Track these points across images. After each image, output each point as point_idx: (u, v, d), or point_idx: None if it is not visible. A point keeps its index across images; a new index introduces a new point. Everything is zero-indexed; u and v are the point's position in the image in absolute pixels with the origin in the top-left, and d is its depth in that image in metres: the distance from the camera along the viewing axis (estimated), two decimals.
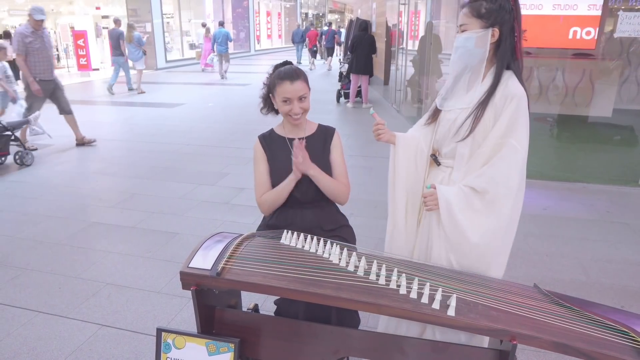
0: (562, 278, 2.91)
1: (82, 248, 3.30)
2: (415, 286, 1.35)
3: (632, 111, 5.86)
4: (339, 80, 9.84)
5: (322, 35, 18.56)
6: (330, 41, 17.13)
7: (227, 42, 13.49)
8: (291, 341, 1.60)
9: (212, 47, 14.11)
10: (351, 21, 12.77)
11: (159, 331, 1.53)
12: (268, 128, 2.03)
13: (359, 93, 9.26)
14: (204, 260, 1.51)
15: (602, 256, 3.20)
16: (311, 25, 22.41)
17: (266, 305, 2.47)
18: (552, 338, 1.24)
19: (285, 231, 1.70)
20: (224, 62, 13.78)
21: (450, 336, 1.65)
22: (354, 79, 9.00)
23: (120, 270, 3.00)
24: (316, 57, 18.24)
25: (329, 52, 17.55)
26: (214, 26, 15.99)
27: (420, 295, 1.34)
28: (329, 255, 1.54)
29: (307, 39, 17.72)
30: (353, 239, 1.99)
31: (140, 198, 4.28)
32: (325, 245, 1.60)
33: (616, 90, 5.49)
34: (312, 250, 1.59)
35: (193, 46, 20.18)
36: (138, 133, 6.94)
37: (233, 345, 1.48)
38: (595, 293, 2.74)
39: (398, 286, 1.38)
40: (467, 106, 1.63)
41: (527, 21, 4.58)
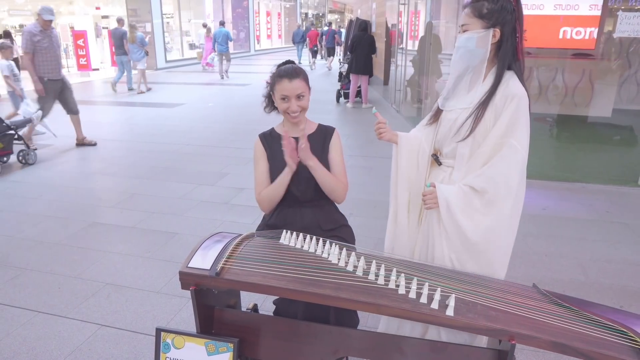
0: (561, 278, 2.92)
1: (82, 248, 3.30)
2: (414, 286, 1.35)
3: (632, 111, 5.86)
4: (339, 80, 9.84)
5: (323, 35, 18.57)
6: (330, 41, 17.14)
7: (228, 42, 13.50)
8: (290, 341, 1.60)
9: (213, 47, 14.14)
10: (351, 21, 12.77)
11: (158, 331, 1.53)
12: (268, 128, 2.03)
13: (359, 93, 9.27)
14: (203, 260, 1.51)
15: (602, 256, 3.20)
16: (312, 25, 22.41)
17: (265, 305, 2.47)
18: (551, 338, 1.24)
19: (284, 231, 1.70)
20: (225, 62, 13.80)
21: (452, 336, 1.65)
22: (354, 79, 9.00)
23: (119, 270, 3.00)
24: (317, 57, 18.26)
25: (329, 52, 17.57)
26: (215, 26, 16.03)
27: (419, 295, 1.34)
28: (328, 255, 1.55)
29: (308, 39, 17.74)
30: (352, 239, 2.00)
31: (140, 198, 4.28)
32: (324, 245, 1.60)
33: (616, 90, 5.49)
34: (312, 250, 1.60)
35: (193, 46, 20.18)
36: (138, 133, 6.95)
37: (232, 345, 1.48)
38: (594, 293, 2.75)
39: (397, 286, 1.38)
40: (468, 106, 1.63)
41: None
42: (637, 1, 4.59)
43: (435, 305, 1.31)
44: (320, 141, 1.92)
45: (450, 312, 1.28)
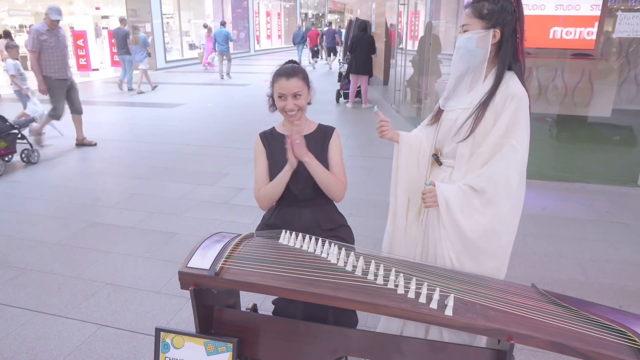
0: (561, 278, 2.92)
1: (82, 248, 3.30)
2: (413, 286, 1.35)
3: (632, 111, 5.86)
4: (339, 80, 9.85)
5: (323, 35, 18.59)
6: (330, 41, 17.16)
7: (228, 42, 13.51)
8: (290, 341, 1.61)
9: (214, 47, 14.18)
10: (350, 21, 12.77)
11: (158, 331, 1.53)
12: (267, 128, 2.04)
13: (359, 93, 9.27)
14: (203, 260, 1.51)
15: (601, 256, 3.20)
16: (312, 25, 22.42)
17: (265, 305, 2.48)
18: (550, 337, 1.24)
19: (283, 231, 1.70)
20: (226, 62, 13.83)
21: (453, 336, 1.66)
22: (354, 79, 9.00)
23: (119, 270, 3.01)
24: (318, 57, 18.28)
25: (329, 52, 17.59)
26: (215, 26, 16.05)
27: (418, 295, 1.34)
28: (327, 255, 1.55)
29: (308, 39, 17.77)
30: (351, 239, 2.00)
31: (139, 198, 4.28)
32: (323, 245, 1.60)
33: (615, 90, 5.49)
34: (311, 250, 1.60)
35: (193, 46, 20.19)
36: (138, 133, 6.95)
37: (231, 344, 1.48)
38: (593, 293, 2.75)
39: (396, 286, 1.38)
40: (468, 106, 1.64)
41: None
42: (637, 1, 4.59)
43: (434, 305, 1.31)
44: (320, 140, 1.93)
45: (449, 312, 1.28)
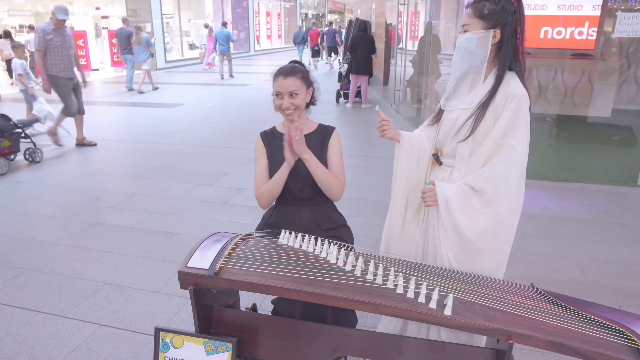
0: (560, 278, 2.92)
1: (81, 248, 3.30)
2: (412, 286, 1.36)
3: (631, 111, 5.86)
4: (339, 80, 9.84)
5: (324, 35, 18.61)
6: (331, 41, 17.18)
7: (229, 42, 13.54)
8: (289, 340, 1.61)
9: (214, 47, 14.22)
10: (350, 21, 12.78)
11: (157, 330, 1.53)
12: (267, 128, 2.04)
13: (359, 93, 9.27)
14: (202, 260, 1.51)
15: (601, 256, 3.20)
16: (313, 25, 22.42)
17: (264, 305, 2.48)
18: (549, 337, 1.24)
19: (283, 231, 1.70)
20: (227, 62, 13.85)
21: (451, 336, 1.66)
22: (354, 79, 9.00)
23: (119, 270, 3.01)
24: (319, 57, 18.30)
25: (330, 52, 17.62)
26: (216, 27, 16.09)
27: (417, 294, 1.34)
28: (327, 255, 1.55)
29: (309, 38, 17.79)
30: (351, 239, 2.00)
31: (139, 198, 4.28)
32: (322, 245, 1.60)
33: (615, 90, 5.49)
34: (310, 250, 1.60)
35: (193, 46, 20.19)
36: (138, 133, 6.95)
37: (231, 344, 1.48)
38: (593, 293, 2.75)
39: (395, 286, 1.38)
40: (469, 106, 1.64)
41: None
42: (637, 1, 4.59)
43: (433, 304, 1.31)
44: (320, 140, 1.93)
45: (448, 312, 1.29)
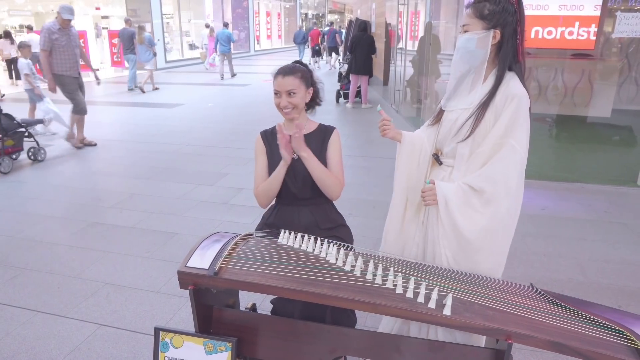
0: (560, 278, 2.92)
1: (81, 248, 3.30)
2: (411, 285, 1.36)
3: (631, 111, 5.86)
4: (338, 80, 9.84)
5: (324, 35, 18.63)
6: (332, 40, 17.19)
7: (230, 43, 13.57)
8: (288, 340, 1.61)
9: (215, 47, 14.26)
10: (350, 21, 12.78)
11: (157, 330, 1.53)
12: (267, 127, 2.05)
13: (359, 93, 9.27)
14: (202, 259, 1.51)
15: (600, 256, 3.20)
16: (314, 25, 22.43)
17: (264, 305, 2.48)
18: (548, 337, 1.24)
19: (282, 231, 1.71)
20: (227, 63, 13.87)
21: (449, 336, 1.66)
22: (354, 80, 9.01)
23: (119, 270, 3.01)
24: (320, 56, 18.32)
25: (330, 52, 17.63)
26: (217, 27, 16.13)
27: (416, 294, 1.35)
28: (326, 255, 1.55)
29: (310, 38, 17.81)
30: (350, 239, 2.00)
31: (139, 198, 4.28)
32: (322, 245, 1.60)
33: (615, 90, 5.49)
34: (310, 250, 1.60)
35: (193, 46, 20.20)
36: (138, 133, 6.95)
37: (230, 344, 1.49)
38: (592, 293, 2.75)
39: (394, 285, 1.38)
40: (469, 107, 1.64)
41: None
42: (637, 1, 4.59)
43: (432, 304, 1.31)
44: (319, 140, 1.94)
45: (447, 312, 1.29)
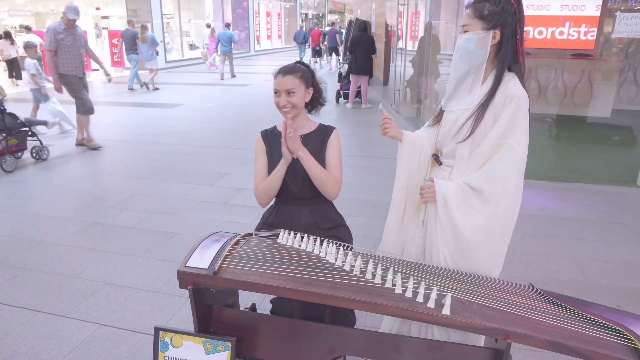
0: (560, 278, 2.92)
1: (81, 248, 3.31)
2: (410, 285, 1.36)
3: (631, 111, 5.87)
4: (338, 80, 9.85)
5: (325, 35, 18.64)
6: (332, 41, 17.20)
7: (231, 43, 13.60)
8: (288, 340, 1.61)
9: (216, 48, 14.29)
10: (350, 22, 12.79)
11: (157, 330, 1.54)
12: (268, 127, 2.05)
13: (359, 93, 9.27)
14: (201, 259, 1.52)
15: (600, 256, 3.21)
16: (315, 25, 22.45)
17: (264, 304, 2.48)
18: (547, 337, 1.25)
19: (282, 231, 1.71)
20: (228, 63, 13.89)
21: (445, 335, 1.66)
22: (354, 80, 9.01)
23: (119, 270, 3.01)
24: (321, 57, 18.32)
25: (331, 52, 17.64)
26: (217, 27, 16.16)
27: (415, 294, 1.35)
28: (326, 254, 1.55)
29: (311, 38, 17.83)
30: (350, 239, 2.01)
31: (139, 198, 4.29)
32: (321, 244, 1.61)
33: (615, 90, 5.50)
34: (309, 249, 1.60)
35: (193, 46, 20.21)
36: (138, 133, 6.95)
37: (230, 343, 1.49)
38: (592, 293, 2.75)
39: (393, 285, 1.38)
40: (468, 107, 1.64)
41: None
42: (637, 2, 4.59)
43: (431, 304, 1.31)
44: (319, 140, 1.94)
45: (446, 311, 1.29)
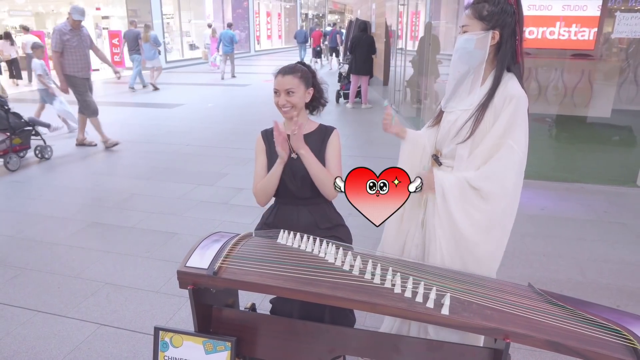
0: (559, 278, 2.92)
1: (81, 248, 3.31)
2: (409, 285, 1.36)
3: (631, 111, 5.87)
4: (338, 80, 9.85)
5: (326, 35, 18.65)
6: (333, 41, 17.21)
7: (233, 43, 13.62)
8: (288, 340, 1.61)
9: (217, 48, 14.30)
10: (351, 22, 12.79)
11: (157, 330, 1.54)
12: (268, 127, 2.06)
13: (359, 94, 9.27)
14: (201, 259, 1.52)
15: (599, 256, 3.21)
16: (317, 26, 22.46)
17: (263, 304, 2.48)
18: (545, 337, 1.25)
19: (282, 231, 1.71)
20: (229, 63, 13.92)
21: (443, 335, 1.66)
22: (354, 80, 9.01)
23: (119, 270, 3.02)
24: (320, 57, 18.33)
25: (331, 52, 17.65)
26: (218, 27, 16.20)
27: (414, 294, 1.35)
28: (325, 254, 1.56)
29: (312, 39, 17.84)
30: (349, 239, 2.01)
31: (139, 198, 4.29)
32: (321, 244, 1.61)
33: (615, 90, 5.50)
34: (308, 249, 1.61)
35: (193, 47, 20.21)
36: (138, 133, 6.95)
37: (230, 343, 1.49)
38: (591, 293, 2.75)
39: (393, 285, 1.39)
40: (468, 108, 1.65)
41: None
42: (637, 2, 4.60)
43: (430, 304, 1.32)
44: (319, 140, 1.94)
45: (445, 311, 1.29)
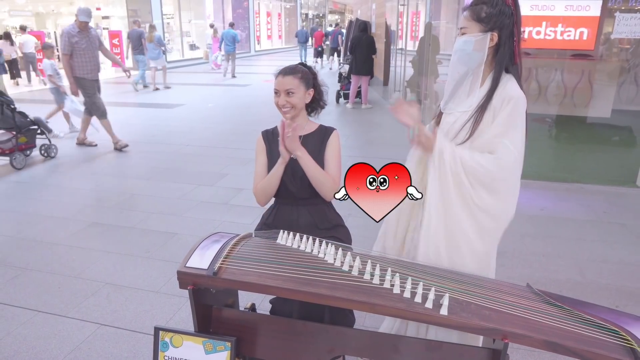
0: (559, 278, 2.93)
1: (82, 248, 3.32)
2: (408, 285, 1.37)
3: (631, 112, 5.86)
4: (338, 81, 9.85)
5: (328, 36, 18.67)
6: (335, 41, 17.24)
7: (235, 42, 13.63)
8: (287, 340, 1.62)
9: (219, 47, 14.32)
10: (351, 22, 12.80)
11: (157, 330, 1.55)
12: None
13: (359, 94, 9.28)
14: (201, 259, 1.53)
15: (599, 256, 3.21)
16: (319, 26, 22.47)
17: (263, 304, 2.49)
18: (544, 337, 1.26)
19: (281, 231, 1.72)
20: (231, 62, 13.93)
21: (441, 335, 1.67)
22: (354, 80, 9.01)
23: (119, 270, 3.02)
24: (322, 57, 18.35)
25: (332, 52, 17.67)
26: (219, 27, 16.23)
27: (413, 294, 1.36)
28: (324, 255, 1.56)
29: (314, 39, 17.86)
30: (349, 239, 2.01)
31: (139, 198, 4.30)
32: (320, 245, 1.62)
33: (615, 90, 5.50)
34: (308, 250, 1.61)
35: (193, 47, 20.22)
36: (138, 133, 6.96)
37: (229, 343, 1.50)
38: (590, 293, 2.76)
39: (392, 285, 1.39)
40: (468, 109, 1.65)
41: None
42: (637, 2, 4.60)
43: (429, 304, 1.32)
44: (319, 140, 1.95)
45: (444, 311, 1.30)
